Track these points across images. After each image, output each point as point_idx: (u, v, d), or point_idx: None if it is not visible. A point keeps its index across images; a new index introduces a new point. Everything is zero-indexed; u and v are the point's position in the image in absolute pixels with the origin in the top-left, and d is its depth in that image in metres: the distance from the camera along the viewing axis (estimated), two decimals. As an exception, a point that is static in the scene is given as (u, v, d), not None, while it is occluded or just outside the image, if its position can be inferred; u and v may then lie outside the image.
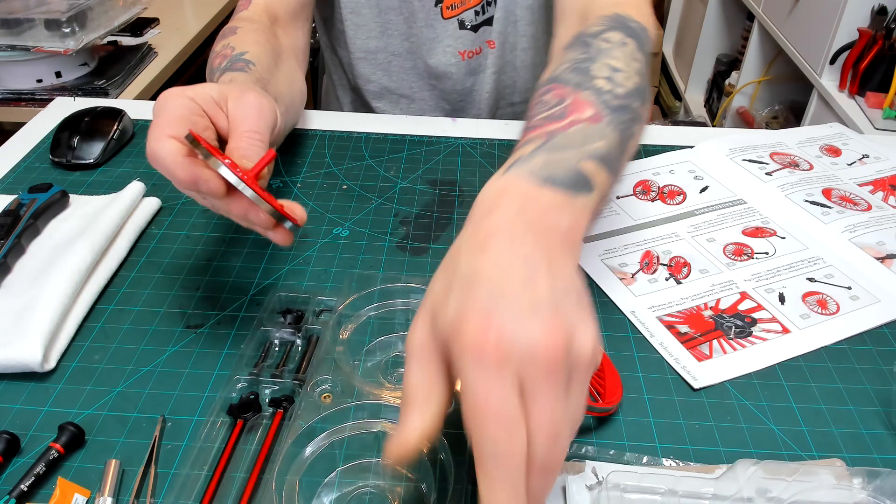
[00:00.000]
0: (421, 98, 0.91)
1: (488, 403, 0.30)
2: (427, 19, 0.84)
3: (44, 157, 0.73)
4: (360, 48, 0.88)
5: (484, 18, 0.85)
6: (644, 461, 0.43)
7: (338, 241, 0.62)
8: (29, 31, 1.14)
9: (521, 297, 0.32)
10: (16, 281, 0.56)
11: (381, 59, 0.88)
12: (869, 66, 1.41)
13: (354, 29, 0.86)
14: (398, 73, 0.89)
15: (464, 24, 0.85)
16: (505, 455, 0.30)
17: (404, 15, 0.84)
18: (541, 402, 0.31)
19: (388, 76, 0.90)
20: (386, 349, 0.52)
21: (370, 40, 0.87)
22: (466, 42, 0.86)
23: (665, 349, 0.52)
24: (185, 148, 0.44)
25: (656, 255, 0.61)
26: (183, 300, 0.56)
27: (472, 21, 0.85)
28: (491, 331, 0.31)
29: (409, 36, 0.86)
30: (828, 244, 0.62)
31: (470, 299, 0.32)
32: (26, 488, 0.41)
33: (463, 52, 0.87)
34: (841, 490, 0.39)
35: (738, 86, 2.10)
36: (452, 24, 0.85)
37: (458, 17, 0.84)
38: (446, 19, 0.84)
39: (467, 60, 0.88)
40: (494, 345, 0.30)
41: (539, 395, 0.31)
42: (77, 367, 0.50)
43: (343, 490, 0.42)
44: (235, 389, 0.47)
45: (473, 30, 0.86)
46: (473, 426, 0.30)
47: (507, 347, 0.30)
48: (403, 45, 0.87)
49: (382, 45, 0.87)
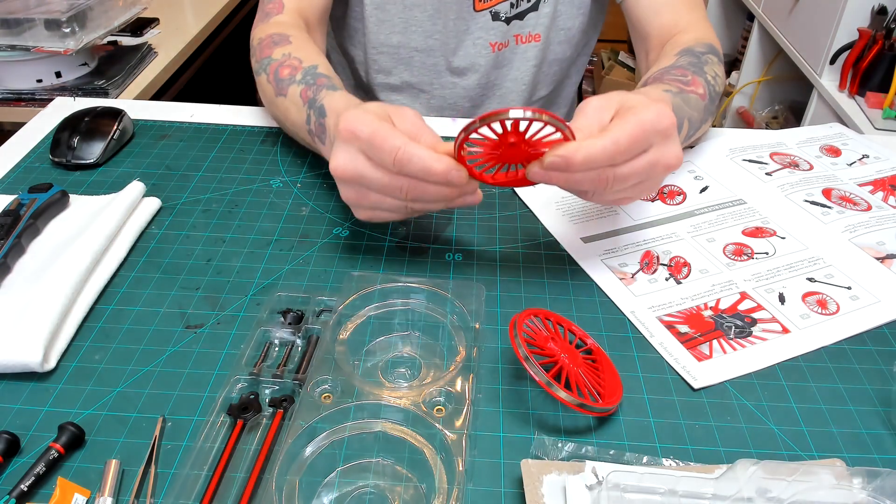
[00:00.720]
0: (441, 94, 0.92)
1: (645, 135, 0.50)
2: (459, 11, 0.85)
3: (44, 157, 0.73)
4: (383, 43, 0.88)
5: (517, 11, 0.86)
6: (644, 461, 0.43)
7: (338, 241, 0.62)
8: (29, 31, 1.14)
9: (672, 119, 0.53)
10: (16, 281, 0.56)
11: (403, 54, 0.89)
12: (869, 66, 1.41)
13: (377, 24, 0.87)
14: (420, 68, 0.90)
15: (498, 15, 0.86)
16: None
17: (429, 12, 0.85)
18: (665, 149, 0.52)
19: (409, 71, 0.91)
20: (386, 349, 0.52)
21: (392, 35, 0.88)
22: (498, 34, 0.87)
23: (665, 349, 0.52)
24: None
25: (656, 255, 0.61)
26: (183, 300, 0.56)
27: (506, 13, 0.86)
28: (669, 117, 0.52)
29: (432, 33, 0.87)
30: (828, 244, 0.62)
31: (664, 108, 0.52)
32: (26, 488, 0.41)
33: (493, 45, 0.88)
34: (841, 490, 0.39)
35: (738, 86, 2.10)
36: (484, 16, 0.86)
37: (492, 9, 0.85)
38: (478, 11, 0.86)
39: (496, 53, 0.89)
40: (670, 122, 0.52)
41: (658, 143, 0.52)
42: (77, 367, 0.50)
43: (343, 490, 0.42)
44: (235, 389, 0.47)
45: (506, 22, 0.87)
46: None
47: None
48: (426, 41, 0.88)
49: (405, 41, 0.88)
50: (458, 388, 0.46)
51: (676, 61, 0.70)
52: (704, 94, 0.66)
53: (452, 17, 0.86)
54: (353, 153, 0.51)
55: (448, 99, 0.92)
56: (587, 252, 0.61)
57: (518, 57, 0.90)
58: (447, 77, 0.91)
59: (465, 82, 0.91)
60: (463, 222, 0.65)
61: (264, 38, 0.73)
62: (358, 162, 0.51)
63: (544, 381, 0.44)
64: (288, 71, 0.67)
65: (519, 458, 0.43)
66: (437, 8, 0.85)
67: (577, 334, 0.51)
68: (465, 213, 0.66)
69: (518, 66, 0.91)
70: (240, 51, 1.74)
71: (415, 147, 0.49)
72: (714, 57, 0.73)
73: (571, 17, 0.89)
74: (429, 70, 0.90)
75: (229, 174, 0.71)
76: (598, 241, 0.62)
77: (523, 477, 0.42)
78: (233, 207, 0.66)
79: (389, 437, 0.44)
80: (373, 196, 0.53)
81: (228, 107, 0.83)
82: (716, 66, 0.72)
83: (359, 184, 0.53)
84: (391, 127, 0.51)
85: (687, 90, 0.65)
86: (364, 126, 0.50)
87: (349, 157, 0.52)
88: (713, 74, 0.69)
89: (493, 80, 0.91)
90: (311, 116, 0.63)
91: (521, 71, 0.91)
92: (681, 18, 0.79)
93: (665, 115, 0.51)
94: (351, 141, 0.51)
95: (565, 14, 0.88)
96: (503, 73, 0.91)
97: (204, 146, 0.76)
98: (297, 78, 0.66)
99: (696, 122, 0.67)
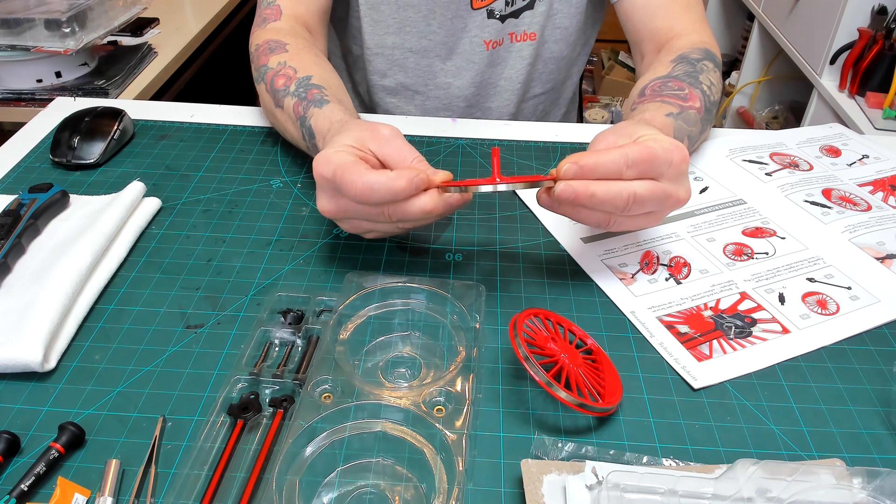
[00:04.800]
0: (436, 95, 0.92)
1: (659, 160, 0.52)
2: (456, 10, 0.85)
3: (44, 157, 0.73)
4: (377, 44, 0.88)
5: (513, 10, 0.86)
6: (644, 461, 0.43)
7: (338, 241, 0.62)
8: (29, 31, 1.14)
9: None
10: (16, 281, 0.56)
11: (397, 55, 0.89)
12: (869, 66, 1.41)
13: (372, 25, 0.87)
14: (414, 69, 0.90)
15: (493, 13, 0.86)
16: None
17: (423, 13, 0.85)
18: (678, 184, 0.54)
19: (403, 72, 0.91)
20: (386, 349, 0.52)
21: (387, 36, 0.88)
22: (492, 32, 0.87)
23: (665, 349, 0.52)
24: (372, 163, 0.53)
25: (656, 255, 0.61)
26: (183, 300, 0.56)
27: (501, 11, 0.86)
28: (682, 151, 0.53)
29: (427, 33, 0.87)
30: (828, 244, 0.62)
31: (680, 144, 0.53)
32: (27, 488, 0.41)
33: (488, 42, 0.88)
34: (841, 490, 0.39)
35: (738, 86, 2.10)
36: (481, 14, 0.86)
37: (488, 7, 0.85)
38: (475, 9, 0.86)
39: (490, 51, 0.89)
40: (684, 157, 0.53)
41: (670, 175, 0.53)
42: (77, 367, 0.50)
43: (343, 490, 0.42)
44: (236, 389, 0.47)
45: (501, 20, 0.87)
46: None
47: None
48: (421, 41, 0.87)
49: (399, 42, 0.88)
50: (458, 388, 0.46)
51: (672, 70, 0.70)
52: (701, 107, 0.67)
53: (449, 15, 0.85)
54: (330, 193, 0.54)
55: (443, 99, 0.92)
56: (587, 252, 0.61)
57: (513, 55, 0.90)
58: (442, 77, 0.90)
59: (459, 82, 0.90)
60: (463, 222, 0.65)
61: (261, 45, 0.73)
62: (337, 200, 0.54)
63: (544, 381, 0.45)
64: (283, 81, 0.68)
65: (519, 458, 0.43)
66: (432, 8, 0.85)
67: (577, 334, 0.51)
68: (465, 214, 0.66)
69: (513, 65, 0.91)
70: (240, 51, 1.74)
71: (372, 175, 0.50)
72: (710, 63, 0.73)
73: (569, 16, 0.89)
74: (423, 71, 0.90)
75: (229, 174, 0.71)
76: (598, 241, 0.62)
77: (523, 477, 0.42)
78: (233, 207, 0.66)
79: (389, 437, 0.44)
80: (364, 224, 0.55)
81: (228, 107, 0.83)
82: (711, 73, 0.72)
83: (347, 217, 0.55)
84: (352, 162, 0.51)
85: (686, 106, 0.65)
86: (327, 169, 0.52)
87: (327, 198, 0.54)
88: (708, 84, 0.70)
89: (487, 79, 0.91)
90: (304, 135, 0.65)
91: (516, 69, 0.91)
92: (676, 22, 0.79)
93: (680, 149, 0.52)
94: (323, 184, 0.53)
95: (562, 12, 0.88)
96: (497, 71, 0.91)
97: (204, 146, 0.76)
98: (290, 89, 0.67)
99: (696, 135, 0.68)
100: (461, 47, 0.88)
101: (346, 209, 0.54)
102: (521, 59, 0.90)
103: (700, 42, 0.76)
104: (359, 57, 0.92)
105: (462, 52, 0.88)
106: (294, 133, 0.67)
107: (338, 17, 0.91)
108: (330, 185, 0.52)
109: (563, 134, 0.80)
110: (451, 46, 0.88)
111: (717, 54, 0.76)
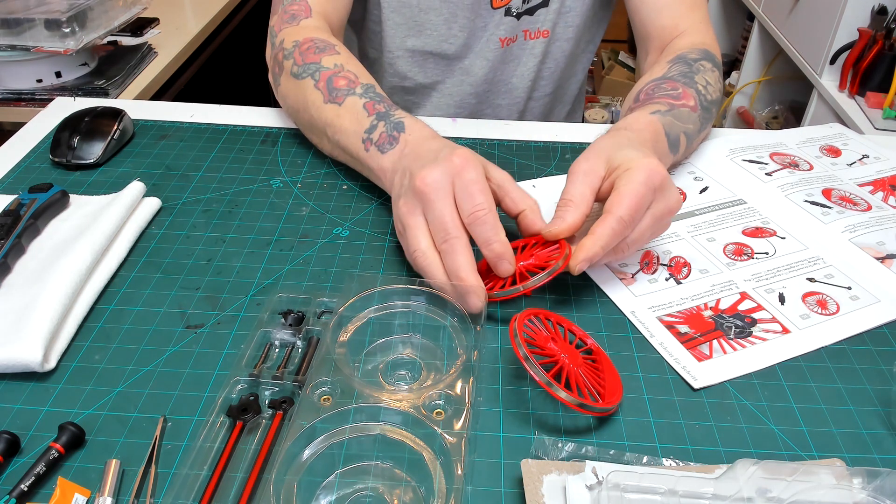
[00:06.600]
0: (450, 92, 0.93)
1: (643, 200, 0.53)
2: (478, 10, 0.86)
3: (44, 157, 0.73)
4: (398, 47, 0.89)
5: (528, 7, 0.87)
6: (644, 461, 0.43)
7: (338, 241, 0.62)
8: (29, 31, 1.14)
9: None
10: (16, 281, 0.56)
11: (417, 58, 0.90)
12: (869, 66, 1.41)
13: (394, 28, 0.87)
14: (433, 69, 0.91)
15: (510, 10, 0.87)
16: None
17: (444, 16, 0.86)
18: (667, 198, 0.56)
19: (423, 73, 0.91)
20: (386, 351, 0.52)
21: (408, 39, 0.88)
22: (507, 29, 0.88)
23: (665, 349, 0.52)
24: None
25: (656, 255, 0.61)
26: (183, 300, 0.56)
27: (518, 8, 0.87)
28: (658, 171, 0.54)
29: (448, 36, 0.87)
30: (828, 244, 0.62)
31: (648, 156, 0.55)
32: (26, 488, 0.41)
33: (503, 40, 0.89)
34: (841, 490, 0.39)
35: (738, 86, 2.10)
36: (500, 12, 0.87)
37: (507, 6, 0.86)
38: (496, 8, 0.87)
39: (504, 49, 0.90)
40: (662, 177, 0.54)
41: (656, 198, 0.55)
42: (77, 367, 0.50)
43: (342, 492, 0.42)
44: (235, 390, 0.47)
45: (517, 17, 0.87)
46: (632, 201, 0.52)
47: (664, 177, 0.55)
48: (441, 45, 0.88)
49: (420, 45, 0.88)
50: (457, 391, 0.46)
51: (668, 71, 0.72)
52: (696, 105, 0.68)
53: (471, 17, 0.86)
54: (448, 180, 0.54)
55: (455, 96, 0.93)
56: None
57: (526, 53, 0.91)
58: (458, 76, 0.91)
59: (471, 79, 0.91)
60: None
61: (302, 42, 0.72)
62: (447, 190, 0.54)
63: (544, 381, 0.44)
64: (345, 82, 0.68)
65: (519, 458, 0.43)
66: (454, 11, 0.85)
67: (577, 334, 0.51)
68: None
69: (525, 62, 0.91)
70: (240, 51, 1.74)
71: (489, 237, 0.53)
72: (708, 63, 0.74)
73: (580, 14, 0.89)
74: (442, 70, 0.91)
75: (229, 174, 0.71)
76: (598, 241, 0.62)
77: (523, 477, 0.42)
78: (233, 207, 0.66)
79: (388, 440, 0.44)
80: (422, 231, 0.55)
81: (228, 107, 0.83)
82: (708, 73, 0.72)
83: (424, 210, 0.55)
84: (491, 196, 0.54)
85: (677, 105, 0.66)
86: (475, 164, 0.54)
87: (441, 173, 0.54)
88: (704, 83, 0.71)
89: (499, 76, 0.92)
90: (379, 127, 0.63)
91: (528, 67, 0.92)
92: (681, 20, 0.80)
93: (655, 173, 0.53)
94: (451, 170, 0.54)
95: (574, 10, 0.89)
96: (510, 68, 0.92)
97: (204, 146, 0.76)
98: (356, 91, 0.67)
99: (693, 132, 0.69)
100: (478, 45, 0.89)
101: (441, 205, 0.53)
102: (532, 57, 0.91)
103: (700, 42, 0.77)
104: (375, 60, 0.93)
105: (479, 50, 0.89)
106: (350, 125, 0.66)
107: (353, 20, 0.91)
108: (461, 177, 0.53)
109: (563, 134, 0.80)
110: (469, 46, 0.89)
111: (717, 54, 0.77)
